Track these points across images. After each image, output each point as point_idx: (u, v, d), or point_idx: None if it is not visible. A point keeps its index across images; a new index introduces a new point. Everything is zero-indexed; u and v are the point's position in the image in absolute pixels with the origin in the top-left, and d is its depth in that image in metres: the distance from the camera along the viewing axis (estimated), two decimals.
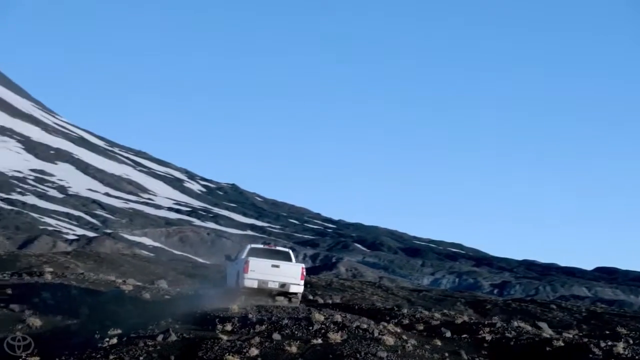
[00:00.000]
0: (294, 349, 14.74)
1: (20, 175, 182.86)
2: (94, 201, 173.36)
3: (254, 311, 18.22)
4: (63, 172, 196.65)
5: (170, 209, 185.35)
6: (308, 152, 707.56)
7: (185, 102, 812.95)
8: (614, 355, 15.03)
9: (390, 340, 15.82)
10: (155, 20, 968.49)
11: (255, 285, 20.95)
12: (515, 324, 20.51)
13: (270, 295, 21.50)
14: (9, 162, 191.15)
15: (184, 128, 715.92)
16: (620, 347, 15.55)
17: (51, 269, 41.62)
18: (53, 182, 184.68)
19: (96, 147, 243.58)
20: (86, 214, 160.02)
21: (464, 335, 18.23)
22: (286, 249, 23.05)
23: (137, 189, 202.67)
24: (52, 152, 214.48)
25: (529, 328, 20.20)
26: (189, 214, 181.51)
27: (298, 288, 21.41)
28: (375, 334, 16.27)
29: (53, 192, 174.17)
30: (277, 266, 21.13)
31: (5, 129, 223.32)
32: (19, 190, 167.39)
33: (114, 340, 16.90)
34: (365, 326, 16.97)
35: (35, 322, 21.65)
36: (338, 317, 17.55)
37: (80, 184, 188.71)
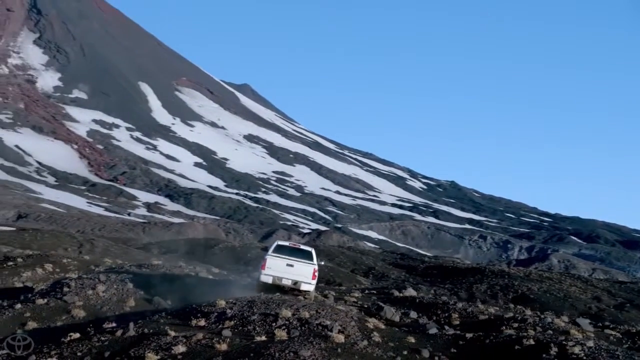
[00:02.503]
0: (223, 347, 14.01)
1: (265, 176, 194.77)
2: (326, 199, 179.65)
3: (238, 306, 17.52)
4: (300, 173, 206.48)
5: (393, 205, 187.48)
6: (526, 152, 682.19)
7: (407, 105, 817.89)
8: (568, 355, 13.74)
9: (340, 338, 14.75)
10: (381, 22, 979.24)
11: (270, 281, 21.12)
12: None
13: (284, 291, 21.17)
14: (256, 165, 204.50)
15: (407, 130, 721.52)
16: (576, 349, 13.74)
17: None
18: (292, 182, 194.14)
19: (328, 150, 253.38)
20: (319, 210, 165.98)
21: (457, 333, 17.05)
22: (309, 249, 22.48)
23: (364, 187, 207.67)
24: (291, 155, 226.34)
25: None
26: (410, 209, 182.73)
27: (309, 287, 21.12)
28: (334, 332, 15.26)
29: (292, 191, 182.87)
30: (291, 265, 21.13)
31: (253, 137, 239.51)
32: (263, 189, 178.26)
33: (76, 335, 16.40)
34: (327, 323, 15.95)
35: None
36: (306, 314, 16.51)
37: (315, 184, 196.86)
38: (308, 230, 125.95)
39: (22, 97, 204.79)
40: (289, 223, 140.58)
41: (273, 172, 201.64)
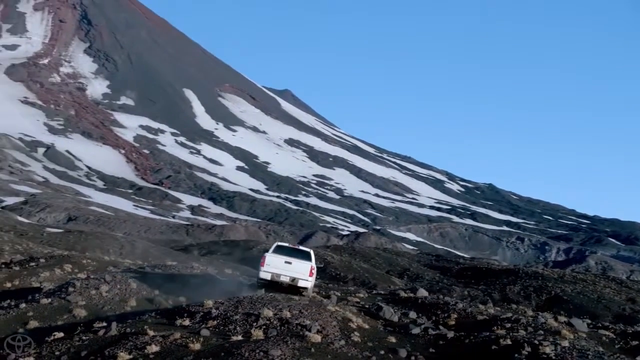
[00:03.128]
0: (196, 346, 13.89)
1: (305, 179, 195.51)
2: (365, 201, 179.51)
3: (225, 306, 17.40)
4: (340, 177, 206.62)
5: (431, 207, 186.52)
6: (565, 155, 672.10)
7: (446, 109, 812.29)
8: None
9: (316, 338, 14.46)
10: (416, 28, 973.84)
11: (268, 277, 21.45)
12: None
13: (282, 289, 21.46)
14: (296, 169, 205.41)
15: (446, 133, 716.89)
16: (548, 349, 13.50)
17: None
18: (331, 185, 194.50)
19: (367, 153, 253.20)
20: (358, 212, 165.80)
21: (439, 333, 16.76)
22: (308, 249, 22.92)
23: (403, 189, 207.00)
24: (330, 159, 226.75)
25: None
26: (448, 211, 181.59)
27: (306, 283, 21.41)
28: (312, 331, 15.01)
29: (331, 194, 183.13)
30: (289, 262, 21.43)
31: (294, 141, 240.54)
32: (304, 192, 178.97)
33: (60, 334, 16.30)
34: (307, 322, 15.76)
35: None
36: (287, 314, 16.33)
37: (354, 187, 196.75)
38: (347, 232, 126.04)
39: (73, 104, 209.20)
40: (329, 225, 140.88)
41: (313, 175, 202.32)
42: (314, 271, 21.89)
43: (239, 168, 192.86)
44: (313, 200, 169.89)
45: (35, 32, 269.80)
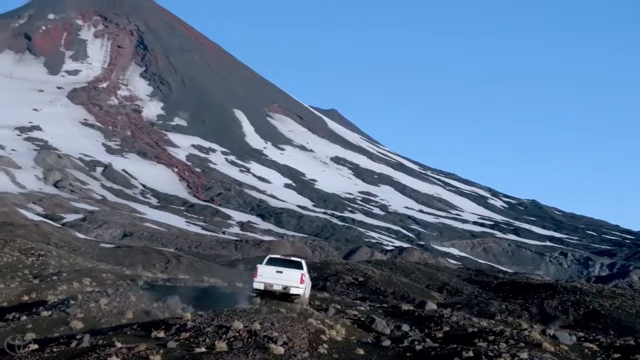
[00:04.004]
0: (157, 358, 13.76)
1: (351, 196, 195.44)
2: (409, 217, 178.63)
3: (202, 318, 17.35)
4: (384, 193, 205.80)
5: (475, 223, 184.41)
6: (607, 171, 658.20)
7: (488, 127, 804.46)
8: None
9: (279, 350, 14.32)
10: (457, 48, 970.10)
11: (262, 287, 21.82)
12: None
13: (275, 297, 21.90)
14: (342, 186, 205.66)
15: (489, 151, 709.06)
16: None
17: (348, 275, 47.22)
18: (376, 202, 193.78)
19: (412, 171, 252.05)
20: (403, 228, 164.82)
21: (409, 345, 16.45)
22: (299, 259, 23.61)
23: (446, 205, 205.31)
24: (376, 176, 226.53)
25: None
26: (491, 227, 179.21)
27: (297, 290, 21.76)
28: (278, 344, 14.88)
29: (376, 210, 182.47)
30: (280, 272, 21.85)
31: (340, 159, 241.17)
32: (349, 208, 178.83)
33: (35, 346, 16.04)
34: (275, 334, 15.66)
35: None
36: (257, 326, 16.16)
37: (399, 203, 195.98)
38: (391, 248, 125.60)
39: (129, 125, 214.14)
40: (374, 240, 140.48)
41: (359, 192, 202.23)
42: (305, 278, 22.44)
43: (286, 185, 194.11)
44: (358, 217, 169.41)
45: (96, 57, 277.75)
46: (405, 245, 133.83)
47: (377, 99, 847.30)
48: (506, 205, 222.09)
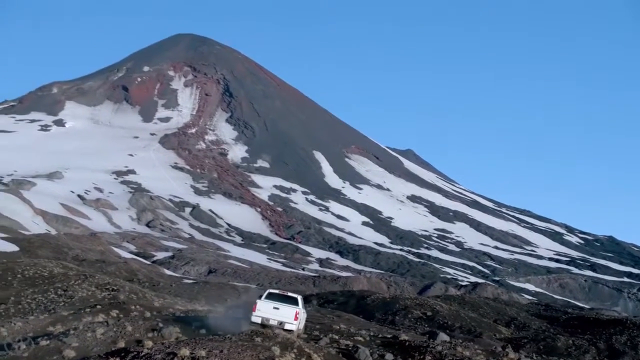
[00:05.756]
0: None
1: (427, 233, 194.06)
2: (485, 253, 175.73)
3: (159, 347, 17.28)
4: (460, 230, 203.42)
5: (550, 259, 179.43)
6: None
7: (563, 166, 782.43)
8: None
9: None
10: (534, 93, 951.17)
11: (259, 321, 22.79)
12: None
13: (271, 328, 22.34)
14: (418, 223, 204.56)
15: (564, 188, 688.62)
16: None
17: (417, 309, 47.49)
18: (452, 238, 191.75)
19: (486, 208, 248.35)
20: (478, 264, 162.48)
21: None
22: (295, 295, 24.21)
23: (521, 242, 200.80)
24: (451, 214, 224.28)
25: None
26: (567, 263, 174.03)
27: (291, 326, 22.64)
28: None
29: (452, 247, 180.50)
30: (277, 308, 22.90)
31: (416, 197, 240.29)
32: (425, 245, 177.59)
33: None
34: None
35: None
36: (202, 352, 16.07)
37: (474, 239, 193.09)
38: (466, 283, 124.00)
39: (215, 168, 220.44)
40: (449, 276, 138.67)
41: (434, 229, 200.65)
42: (300, 315, 23.35)
43: (364, 223, 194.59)
44: (434, 253, 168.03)
45: (185, 105, 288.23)
46: (479, 280, 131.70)
47: (452, 139, 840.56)
48: (582, 242, 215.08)
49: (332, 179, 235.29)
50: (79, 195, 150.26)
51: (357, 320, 40.57)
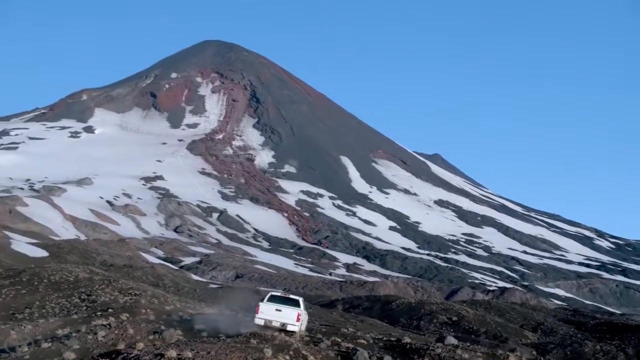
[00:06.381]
0: None
1: (454, 238, 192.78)
2: (513, 258, 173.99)
3: (149, 348, 17.28)
4: (488, 235, 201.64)
5: (580, 263, 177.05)
6: None
7: (593, 168, 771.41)
8: None
9: None
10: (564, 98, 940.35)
11: (262, 323, 23.20)
12: None
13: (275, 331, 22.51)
14: (446, 228, 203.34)
15: (594, 192, 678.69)
16: None
17: (442, 314, 47.30)
18: (480, 243, 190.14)
19: (515, 212, 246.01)
20: (506, 269, 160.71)
21: None
22: (297, 298, 24.40)
23: (551, 247, 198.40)
24: (479, 218, 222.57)
25: None
26: (598, 268, 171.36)
27: (293, 327, 23.02)
28: None
29: (480, 251, 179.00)
30: (279, 310, 23.31)
31: (443, 202, 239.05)
32: (453, 250, 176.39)
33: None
34: None
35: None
36: (188, 354, 16.18)
37: (502, 244, 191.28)
38: (494, 288, 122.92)
39: (243, 173, 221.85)
40: (477, 281, 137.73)
41: (462, 234, 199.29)
42: (302, 317, 23.76)
43: (391, 228, 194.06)
44: (462, 258, 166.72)
45: (212, 111, 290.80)
46: (508, 285, 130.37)
47: (480, 143, 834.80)
48: (613, 246, 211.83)
49: (359, 184, 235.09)
50: (108, 201, 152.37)
51: (379, 325, 40.58)
